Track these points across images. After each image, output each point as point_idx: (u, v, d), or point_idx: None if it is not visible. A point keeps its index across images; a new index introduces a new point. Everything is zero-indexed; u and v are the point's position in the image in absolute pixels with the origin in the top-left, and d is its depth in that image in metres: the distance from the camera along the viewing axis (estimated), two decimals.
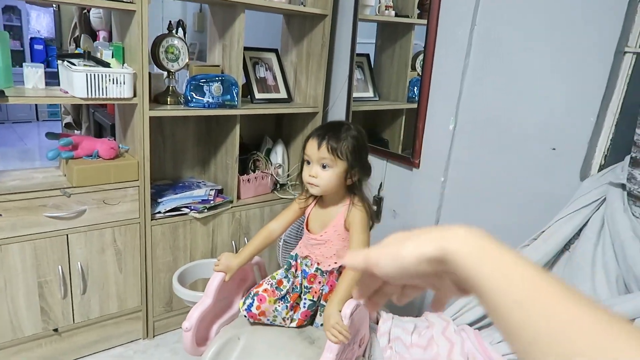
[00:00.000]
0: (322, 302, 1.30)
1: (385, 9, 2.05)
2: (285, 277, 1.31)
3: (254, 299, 1.26)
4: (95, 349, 1.75)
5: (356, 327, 1.08)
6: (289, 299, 1.28)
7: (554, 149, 1.37)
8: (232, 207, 1.93)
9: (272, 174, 2.12)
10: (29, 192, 1.48)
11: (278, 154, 2.18)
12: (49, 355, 1.65)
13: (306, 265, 1.30)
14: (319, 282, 1.29)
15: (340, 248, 1.27)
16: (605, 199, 1.22)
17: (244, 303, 1.26)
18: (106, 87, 1.52)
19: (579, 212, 1.25)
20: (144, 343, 1.83)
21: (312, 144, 1.22)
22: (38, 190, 1.50)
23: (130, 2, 1.50)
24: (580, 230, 1.25)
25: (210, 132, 2.04)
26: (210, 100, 1.77)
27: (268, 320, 1.28)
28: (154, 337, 1.86)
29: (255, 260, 1.36)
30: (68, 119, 2.94)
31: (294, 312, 1.29)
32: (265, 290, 1.28)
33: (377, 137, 2.20)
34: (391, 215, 1.92)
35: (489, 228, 1.34)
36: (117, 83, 1.53)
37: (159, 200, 1.78)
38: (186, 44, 1.81)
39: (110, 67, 1.55)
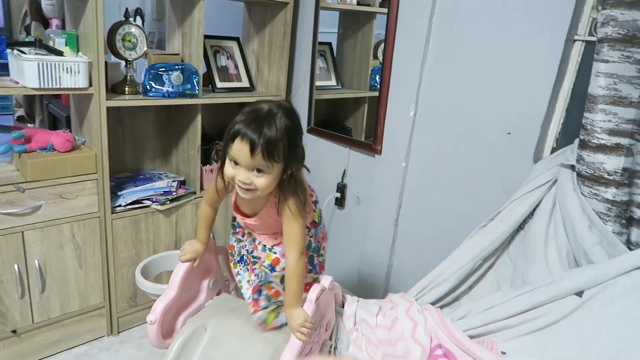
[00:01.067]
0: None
1: None
2: (234, 241, 1.29)
3: None
4: (57, 348, 1.70)
5: (322, 311, 1.09)
6: (246, 261, 1.24)
7: (509, 133, 1.43)
8: (195, 198, 1.90)
9: None
10: None
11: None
12: (9, 358, 1.59)
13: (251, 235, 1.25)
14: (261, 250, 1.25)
15: (280, 225, 1.15)
16: (556, 180, 1.28)
17: None
18: (60, 77, 1.46)
19: (533, 193, 1.31)
20: (108, 340, 1.79)
21: (242, 148, 0.99)
22: None
23: None
24: (534, 210, 1.31)
25: (172, 122, 2.00)
26: (170, 89, 1.73)
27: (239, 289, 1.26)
28: (118, 333, 1.82)
29: (220, 251, 1.35)
30: (20, 112, 2.80)
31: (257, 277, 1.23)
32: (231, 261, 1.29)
33: (341, 125, 2.21)
34: (355, 201, 1.95)
35: (449, 210, 1.39)
36: (71, 72, 1.47)
37: (119, 193, 1.74)
38: (144, 32, 1.76)
39: (63, 55, 1.49)
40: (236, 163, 1.02)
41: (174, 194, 1.82)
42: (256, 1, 2.05)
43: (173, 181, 1.87)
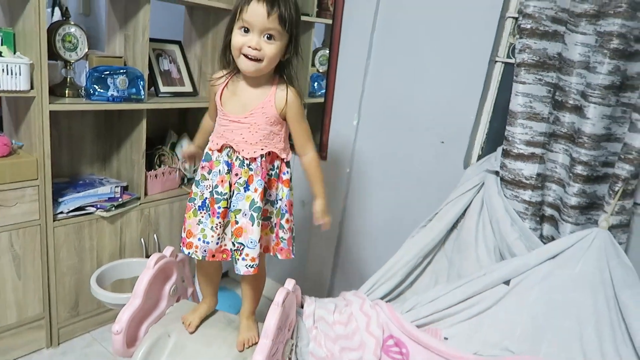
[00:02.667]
0: (258, 203, 1.16)
1: None
2: (193, 184, 1.22)
3: (182, 230, 1.22)
4: None
5: (287, 312, 1.18)
6: (208, 205, 1.19)
7: (442, 142, 1.61)
8: (140, 204, 1.89)
9: (179, 169, 2.11)
10: None
11: (184, 148, 2.17)
12: None
13: (228, 155, 1.18)
14: (236, 174, 1.18)
15: (268, 133, 1.16)
16: (484, 183, 1.48)
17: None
18: None
19: (464, 196, 1.50)
20: (48, 352, 1.72)
21: (259, 9, 1.04)
22: None
23: None
24: (466, 210, 1.49)
25: (112, 126, 1.96)
26: (115, 93, 1.72)
27: (201, 240, 1.19)
28: (59, 344, 1.76)
29: (180, 257, 1.37)
30: None
31: (223, 218, 1.19)
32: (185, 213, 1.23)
33: None
34: (300, 205, 2.05)
35: (390, 211, 1.55)
36: (11, 74, 1.42)
37: (60, 199, 1.69)
38: (85, 32, 1.72)
39: (1, 55, 1.43)
40: (246, 31, 1.07)
41: (119, 200, 1.80)
42: (199, 6, 2.06)
43: (116, 186, 1.84)
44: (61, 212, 1.66)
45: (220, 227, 1.19)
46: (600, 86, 1.19)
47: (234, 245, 1.19)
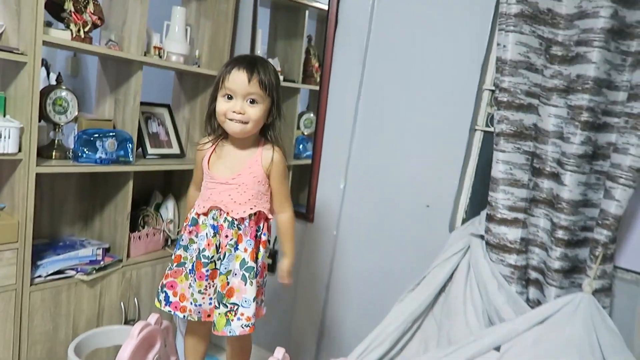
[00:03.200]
0: (249, 263, 1.17)
1: None
2: (180, 249, 1.23)
3: (164, 290, 1.20)
4: None
5: None
6: (194, 269, 1.19)
7: (427, 206, 1.65)
8: (122, 267, 1.84)
9: (163, 230, 2.08)
10: None
11: (169, 209, 2.16)
12: None
13: (213, 218, 1.19)
14: (227, 236, 1.19)
15: (256, 193, 1.20)
16: (469, 247, 1.51)
17: (159, 300, 1.20)
18: None
19: (450, 259, 1.52)
20: None
21: (240, 76, 1.12)
22: None
23: (21, 54, 1.44)
24: (453, 274, 1.51)
25: (97, 187, 1.95)
26: (103, 155, 1.73)
27: (192, 304, 1.19)
28: None
29: (164, 324, 1.33)
30: None
31: (212, 280, 1.19)
32: (168, 275, 1.22)
33: None
34: None
35: (377, 275, 1.57)
36: (1, 137, 1.42)
37: (39, 262, 1.64)
38: (76, 96, 1.76)
39: None
40: (230, 98, 1.13)
41: (101, 262, 1.76)
42: (187, 72, 2.14)
43: (98, 248, 1.81)
44: (39, 276, 1.61)
45: (210, 288, 1.19)
46: (574, 155, 1.26)
47: (226, 306, 1.19)
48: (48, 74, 2.98)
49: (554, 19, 1.32)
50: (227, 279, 1.19)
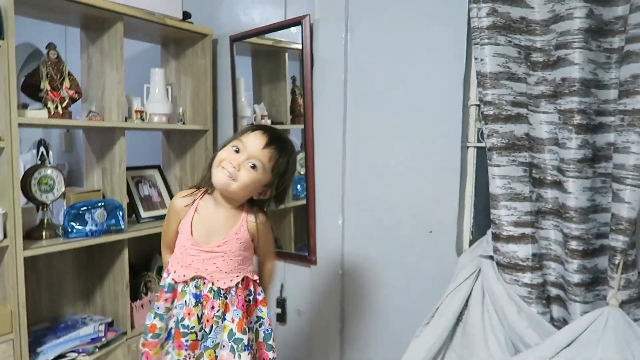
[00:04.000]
0: (237, 335, 1.09)
1: (262, 118, 2.21)
2: (156, 318, 1.13)
3: None
4: None
5: None
6: (172, 337, 1.11)
7: (431, 231, 1.57)
8: (126, 340, 1.77)
9: None
10: None
11: None
12: None
13: (196, 287, 1.11)
14: (212, 307, 1.10)
15: (242, 259, 1.14)
16: (480, 270, 1.41)
17: None
18: None
19: (463, 285, 1.42)
20: None
21: (257, 139, 1.08)
22: None
23: None
24: (467, 301, 1.41)
25: (94, 260, 1.90)
26: (94, 227, 1.68)
27: None
28: None
29: None
30: None
31: (193, 350, 1.09)
32: (144, 345, 1.13)
33: None
34: (297, 314, 1.94)
35: (391, 310, 1.47)
36: None
37: (38, 349, 1.57)
38: (61, 173, 1.73)
39: None
40: (237, 151, 1.08)
41: (102, 339, 1.68)
42: (174, 130, 2.13)
43: (100, 324, 1.73)
44: None
45: (191, 359, 1.10)
46: (573, 160, 1.19)
47: None
48: (47, 152, 3.02)
49: (528, 26, 1.28)
50: (215, 352, 1.10)
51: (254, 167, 1.07)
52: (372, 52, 1.66)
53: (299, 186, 2.16)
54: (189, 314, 1.11)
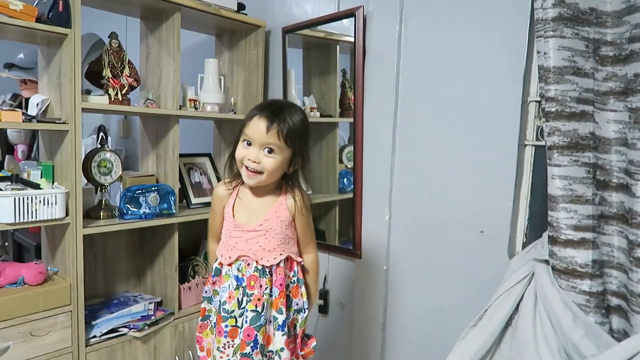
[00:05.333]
0: (273, 312, 1.13)
1: (311, 111, 2.21)
2: (204, 301, 1.18)
3: (196, 345, 1.17)
4: None
5: None
6: (214, 322, 1.15)
7: (481, 231, 1.51)
8: (174, 320, 1.82)
9: None
10: None
11: None
12: None
13: (238, 269, 1.14)
14: (261, 286, 1.12)
15: (284, 237, 1.15)
16: (533, 274, 1.34)
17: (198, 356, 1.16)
18: (36, 210, 1.44)
19: (514, 289, 1.36)
20: None
21: (259, 125, 1.07)
22: None
23: (64, 123, 1.49)
24: (518, 305, 1.35)
25: (146, 242, 1.96)
26: (147, 210, 1.74)
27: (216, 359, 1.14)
28: None
29: None
30: None
31: (232, 338, 1.11)
32: (197, 328, 1.18)
33: (314, 228, 2.25)
34: (339, 307, 1.93)
35: (435, 310, 1.43)
36: (48, 204, 1.46)
37: (93, 322, 1.64)
38: (119, 156, 1.80)
39: (40, 188, 1.48)
40: (249, 144, 1.09)
41: (152, 317, 1.74)
42: (225, 119, 2.16)
43: (149, 303, 1.80)
44: (94, 337, 1.61)
45: (229, 348, 1.12)
46: None
47: (266, 356, 1.15)
48: (106, 137, 3.16)
49: (599, 17, 1.19)
50: (266, 330, 1.13)
51: (271, 151, 1.09)
52: (427, 45, 1.61)
53: (345, 180, 2.14)
54: (229, 297, 1.14)
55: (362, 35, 1.76)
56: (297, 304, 1.22)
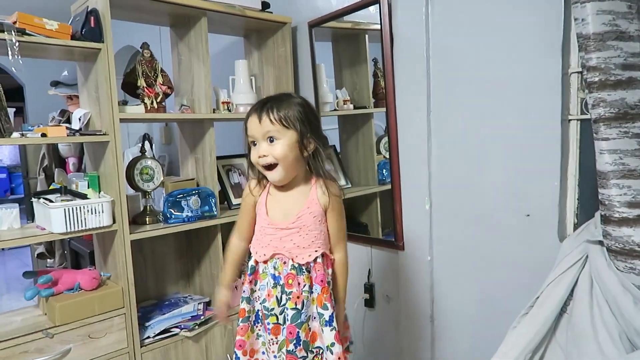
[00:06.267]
0: (318, 309, 1.13)
1: (344, 104, 2.19)
2: (243, 302, 1.18)
3: (235, 351, 1.16)
4: None
5: None
6: (260, 319, 1.16)
7: (528, 215, 1.44)
8: None
9: None
10: (10, 340, 1.41)
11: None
12: None
13: (274, 267, 1.14)
14: (299, 283, 1.13)
15: (318, 233, 1.15)
16: (587, 257, 1.26)
17: None
18: (85, 219, 1.52)
19: (567, 273, 1.28)
20: None
21: (253, 121, 1.10)
22: (19, 335, 1.43)
23: (104, 135, 1.55)
24: (572, 291, 1.27)
25: (192, 244, 2.02)
26: (190, 214, 1.79)
27: (264, 353, 1.15)
28: None
29: None
30: (40, 248, 2.86)
31: (275, 335, 1.12)
32: (237, 332, 1.18)
33: (356, 222, 2.24)
34: (385, 300, 1.90)
35: (484, 300, 1.37)
36: (95, 213, 1.53)
37: (147, 324, 1.72)
38: (160, 163, 1.86)
39: (87, 198, 1.56)
40: (254, 143, 1.12)
41: (201, 317, 1.79)
42: None
43: (199, 303, 1.85)
44: (148, 337, 1.68)
45: (273, 345, 1.12)
46: None
47: (312, 352, 1.15)
48: (151, 145, 3.29)
49: None
50: (308, 326, 1.13)
51: (272, 139, 1.09)
52: (455, 24, 1.55)
53: (384, 170, 2.11)
54: (268, 295, 1.15)
55: (389, 21, 1.72)
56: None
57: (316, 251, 1.15)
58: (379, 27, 1.76)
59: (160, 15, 1.81)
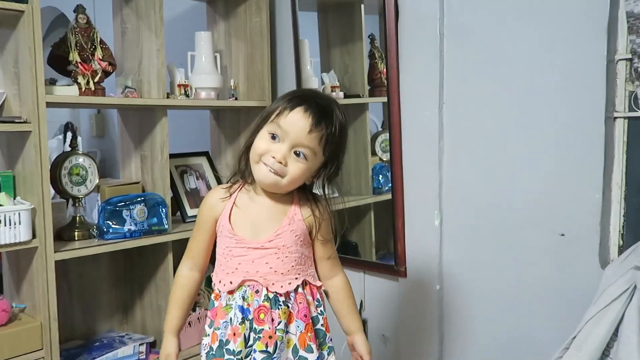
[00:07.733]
0: (300, 352, 1.14)
1: (332, 90, 2.21)
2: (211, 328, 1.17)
3: None
4: None
5: None
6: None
7: (562, 234, 1.49)
8: None
9: None
10: None
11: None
12: None
13: (243, 298, 1.13)
14: (272, 320, 1.12)
15: (299, 257, 1.16)
16: (635, 286, 1.31)
17: None
18: None
19: (610, 307, 1.33)
20: None
21: (301, 121, 1.07)
22: None
23: (24, 122, 1.53)
24: (617, 329, 1.32)
25: (132, 266, 2.01)
26: (133, 227, 1.77)
27: None
28: None
29: None
30: None
31: None
32: None
33: (344, 241, 2.25)
34: (381, 341, 1.93)
35: (507, 341, 1.41)
36: (10, 224, 1.50)
37: None
38: (95, 161, 1.84)
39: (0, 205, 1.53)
40: (276, 138, 1.08)
41: None
42: (224, 107, 2.18)
43: (140, 344, 1.84)
44: None
45: None
46: None
47: None
48: (76, 137, 3.24)
49: None
50: None
51: (299, 155, 1.09)
52: None
53: (380, 177, 2.14)
54: (234, 334, 1.13)
55: None
56: (330, 340, 1.24)
57: (296, 278, 1.15)
58: None
59: None
